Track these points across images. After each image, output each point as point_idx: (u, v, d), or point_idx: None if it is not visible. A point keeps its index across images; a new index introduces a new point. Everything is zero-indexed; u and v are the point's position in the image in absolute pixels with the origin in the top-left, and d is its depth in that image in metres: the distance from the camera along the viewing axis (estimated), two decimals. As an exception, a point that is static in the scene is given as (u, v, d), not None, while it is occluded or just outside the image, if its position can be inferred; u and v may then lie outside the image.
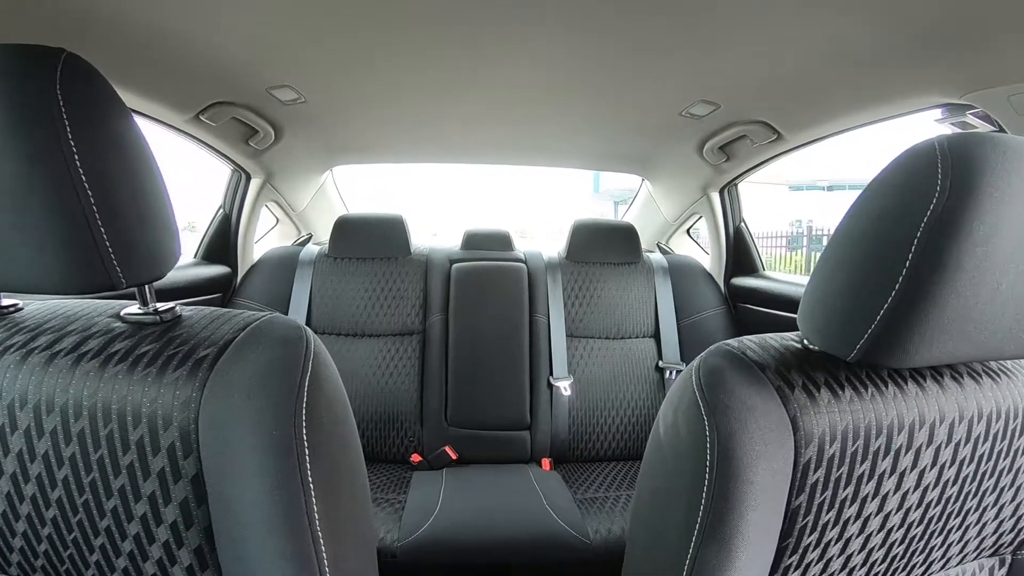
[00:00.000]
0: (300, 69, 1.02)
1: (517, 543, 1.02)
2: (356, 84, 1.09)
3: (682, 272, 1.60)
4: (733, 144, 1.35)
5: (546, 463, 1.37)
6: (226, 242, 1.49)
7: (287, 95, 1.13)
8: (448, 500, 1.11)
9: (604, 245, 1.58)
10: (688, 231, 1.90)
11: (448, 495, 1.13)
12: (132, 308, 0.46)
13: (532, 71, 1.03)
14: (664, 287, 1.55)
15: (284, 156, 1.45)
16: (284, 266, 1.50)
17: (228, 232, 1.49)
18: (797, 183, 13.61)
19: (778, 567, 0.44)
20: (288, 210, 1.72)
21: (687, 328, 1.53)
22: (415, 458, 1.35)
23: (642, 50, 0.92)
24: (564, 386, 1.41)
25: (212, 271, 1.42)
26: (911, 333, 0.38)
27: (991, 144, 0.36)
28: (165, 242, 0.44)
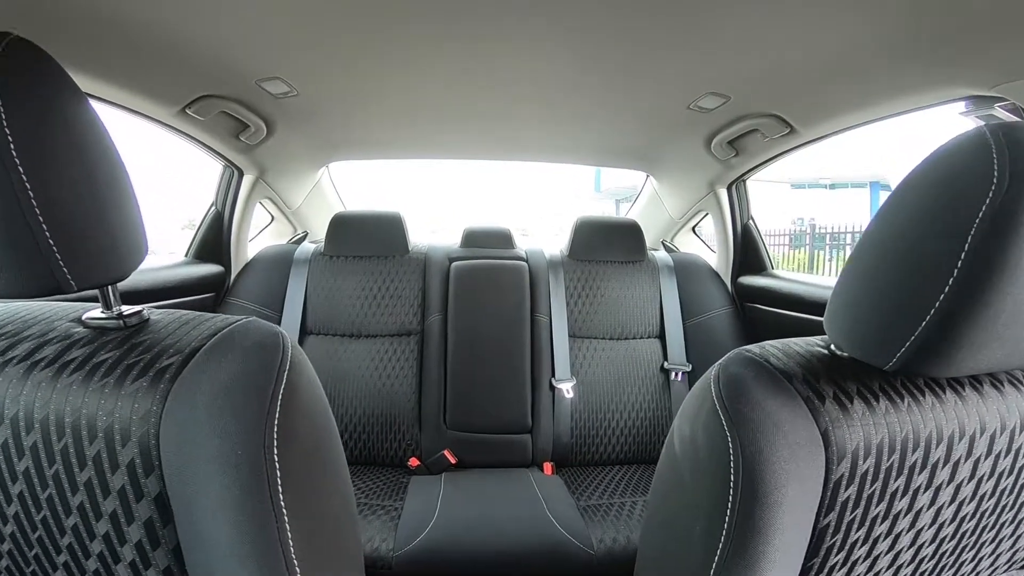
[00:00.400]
0: (291, 61, 0.98)
1: (518, 554, 0.98)
2: (350, 77, 1.06)
3: (688, 271, 1.56)
4: (743, 138, 1.30)
5: (548, 467, 1.33)
6: (218, 240, 1.45)
7: (278, 88, 1.09)
8: (446, 507, 1.07)
9: (608, 243, 1.54)
10: (693, 229, 1.86)
11: (446, 502, 1.09)
12: (95, 312, 0.42)
13: (534, 63, 1.00)
14: (669, 286, 1.52)
15: (277, 152, 1.41)
16: (279, 265, 1.47)
17: (220, 230, 1.45)
18: (799, 181, 13.55)
19: None
20: (283, 207, 1.68)
21: (693, 328, 1.49)
22: (413, 462, 1.31)
23: (649, 41, 0.88)
24: (566, 388, 1.37)
25: (204, 270, 1.38)
26: (960, 341, 0.35)
27: None
28: (127, 239, 0.40)
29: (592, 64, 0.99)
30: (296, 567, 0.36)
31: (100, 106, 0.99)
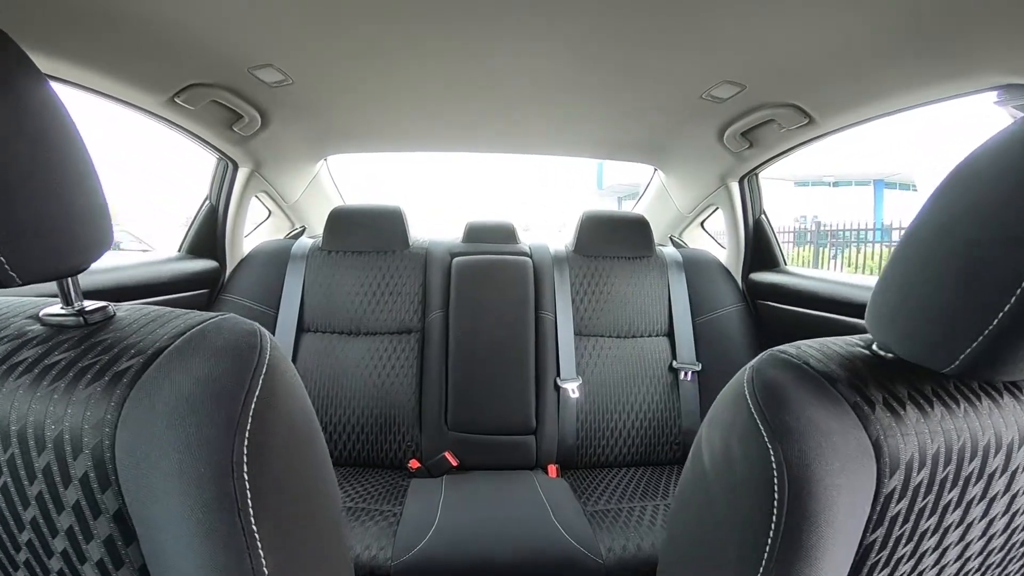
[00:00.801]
0: (284, 48, 0.94)
1: (522, 563, 0.94)
2: (347, 65, 1.01)
3: (697, 267, 1.52)
4: (758, 129, 1.25)
5: (552, 469, 1.29)
6: (213, 235, 1.41)
7: (271, 76, 1.04)
8: (447, 514, 1.03)
9: (614, 238, 1.49)
10: (702, 224, 1.81)
11: (447, 508, 1.05)
12: (54, 308, 0.38)
13: (541, 52, 0.95)
14: (678, 282, 1.47)
15: (273, 143, 1.36)
16: (275, 260, 1.43)
17: (215, 224, 1.41)
18: (803, 179, 13.49)
19: None
20: (280, 201, 1.64)
21: (703, 326, 1.44)
22: (413, 464, 1.27)
23: (662, 28, 0.84)
24: (572, 388, 1.33)
25: (197, 266, 1.34)
26: None
27: None
28: (86, 227, 0.36)
29: (601, 53, 0.94)
30: None
31: (84, 96, 0.94)
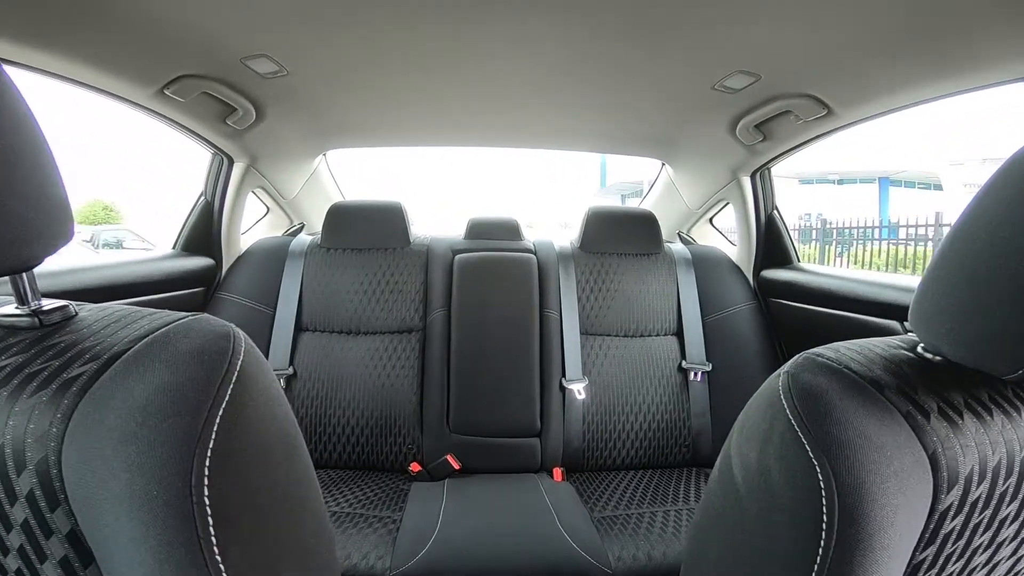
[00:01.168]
0: (278, 37, 0.90)
1: (526, 573, 0.89)
2: (344, 55, 0.97)
3: (707, 264, 1.47)
4: (772, 121, 1.20)
5: (558, 473, 1.25)
6: (208, 232, 1.37)
7: (265, 67, 1.00)
8: (449, 521, 0.99)
9: (621, 234, 1.45)
10: (711, 220, 1.76)
11: (449, 514, 1.01)
12: (8, 308, 0.34)
13: (546, 42, 0.91)
14: (687, 280, 1.43)
15: (269, 138, 1.32)
16: (273, 258, 1.39)
17: (210, 221, 1.37)
18: (807, 176, 13.41)
19: None
20: (277, 198, 1.60)
21: (713, 325, 1.40)
22: (414, 467, 1.23)
23: (673, 15, 0.80)
24: (578, 389, 1.29)
25: (192, 263, 1.30)
26: None
27: None
28: (41, 218, 0.32)
29: (609, 43, 0.90)
30: None
31: (70, 88, 0.90)
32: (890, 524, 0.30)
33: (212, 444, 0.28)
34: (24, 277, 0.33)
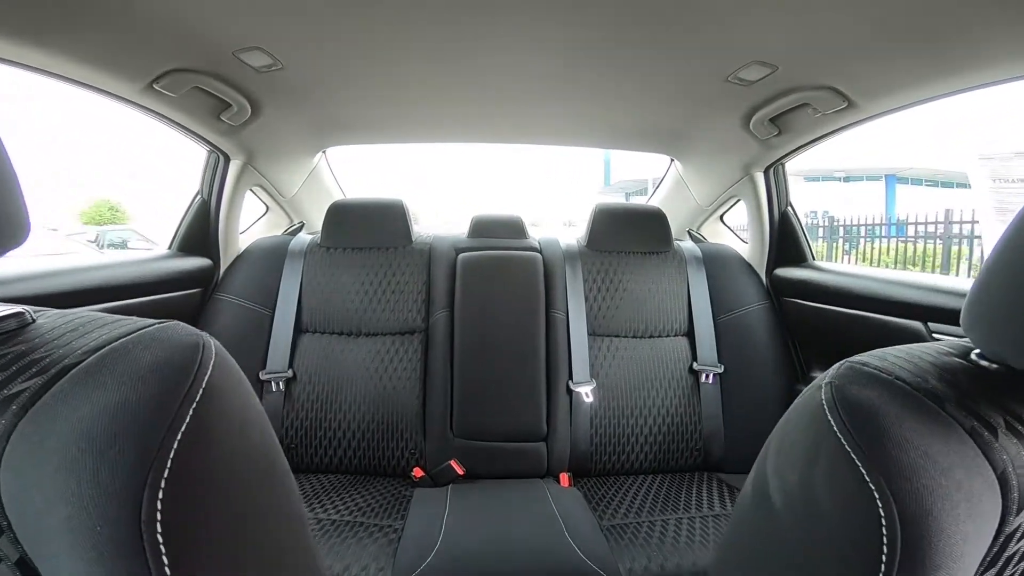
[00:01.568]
0: (272, 29, 0.86)
1: None
2: (342, 48, 0.93)
3: (718, 262, 1.43)
4: (789, 115, 1.15)
5: (564, 478, 1.21)
6: (205, 231, 1.34)
7: (259, 60, 0.96)
8: (452, 530, 0.95)
9: (630, 232, 1.41)
10: (721, 217, 1.71)
11: (452, 523, 0.97)
12: None
13: (551, 34, 0.88)
14: (698, 279, 1.39)
15: (266, 134, 1.29)
16: (271, 258, 1.36)
17: (207, 220, 1.34)
18: (813, 174, 13.32)
19: None
20: (276, 196, 1.57)
21: (725, 325, 1.36)
22: (417, 473, 1.20)
23: (685, 2, 0.76)
24: (585, 391, 1.25)
25: (189, 264, 1.27)
26: None
27: None
28: None
29: (618, 33, 0.86)
30: None
31: (57, 84, 0.87)
32: (959, 554, 0.27)
33: (167, 472, 0.24)
34: None
